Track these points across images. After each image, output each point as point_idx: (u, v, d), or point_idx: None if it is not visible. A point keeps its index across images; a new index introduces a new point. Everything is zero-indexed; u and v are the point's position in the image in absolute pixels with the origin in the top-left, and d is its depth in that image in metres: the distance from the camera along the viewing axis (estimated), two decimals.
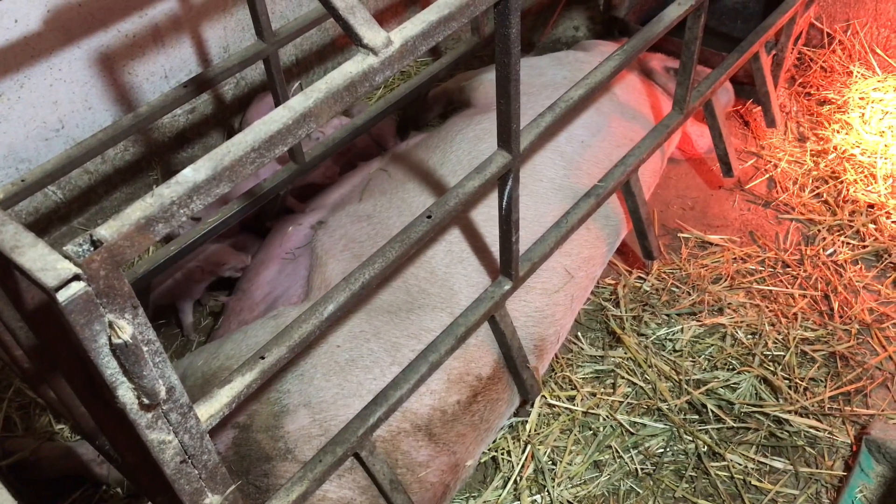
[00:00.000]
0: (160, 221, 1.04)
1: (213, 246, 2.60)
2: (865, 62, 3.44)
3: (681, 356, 2.40)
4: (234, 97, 3.13)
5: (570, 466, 2.19)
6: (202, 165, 1.09)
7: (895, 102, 3.25)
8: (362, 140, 2.88)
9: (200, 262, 2.52)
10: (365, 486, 1.85)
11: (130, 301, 1.05)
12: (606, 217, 2.45)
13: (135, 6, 2.62)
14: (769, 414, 2.26)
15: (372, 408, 1.76)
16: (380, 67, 1.24)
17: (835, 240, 2.77)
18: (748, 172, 3.10)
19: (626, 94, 2.75)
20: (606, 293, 2.64)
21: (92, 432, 1.82)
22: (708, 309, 2.53)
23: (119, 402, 1.12)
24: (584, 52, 2.93)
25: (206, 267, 2.52)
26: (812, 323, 2.50)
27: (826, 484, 2.15)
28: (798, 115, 3.30)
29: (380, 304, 2.05)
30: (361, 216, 2.26)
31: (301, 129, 1.16)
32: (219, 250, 2.59)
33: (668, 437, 2.24)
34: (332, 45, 3.44)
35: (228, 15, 2.92)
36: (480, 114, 2.51)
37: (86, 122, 2.67)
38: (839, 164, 3.03)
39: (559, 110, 1.84)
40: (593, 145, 2.48)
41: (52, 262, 0.98)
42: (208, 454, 1.33)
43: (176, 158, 3.02)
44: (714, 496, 2.14)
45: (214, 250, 2.59)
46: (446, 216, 1.64)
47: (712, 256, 2.74)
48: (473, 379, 2.02)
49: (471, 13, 1.35)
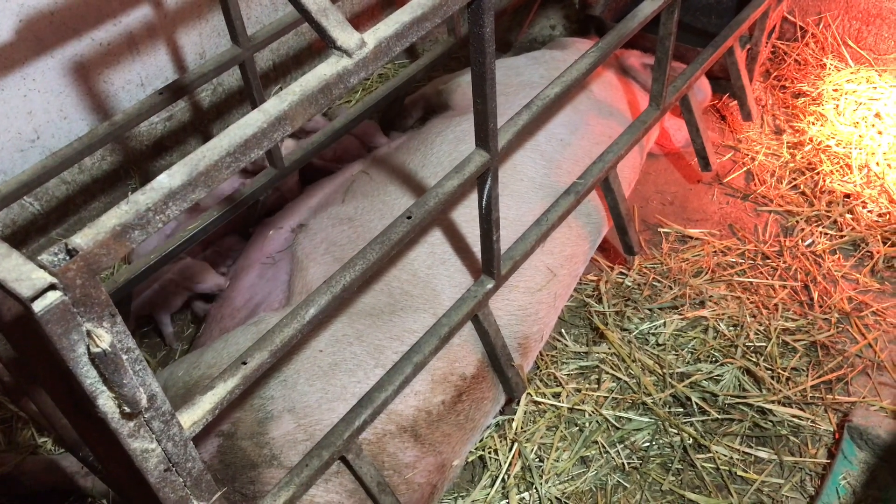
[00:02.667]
0: (136, 228, 1.04)
1: (191, 260, 2.54)
2: (838, 54, 3.48)
3: (664, 350, 2.42)
4: (212, 104, 3.11)
5: (558, 463, 2.20)
6: (177, 171, 1.08)
7: (868, 94, 3.29)
8: (348, 140, 2.87)
9: (175, 276, 2.48)
10: (352, 490, 1.85)
11: (108, 309, 1.04)
12: (588, 215, 2.47)
13: (108, 14, 2.60)
14: (753, 404, 2.28)
15: (357, 410, 1.76)
16: (354, 69, 1.24)
17: (813, 230, 2.80)
18: (726, 166, 3.13)
19: (604, 91, 2.77)
20: (589, 289, 2.65)
21: (75, 444, 1.80)
22: (690, 302, 2.55)
23: (100, 412, 1.11)
24: (561, 51, 2.94)
25: (180, 281, 2.47)
26: (792, 313, 2.52)
27: (810, 472, 2.17)
28: (774, 108, 3.33)
29: (362, 308, 2.05)
30: (343, 219, 2.25)
31: (276, 132, 1.16)
32: (195, 266, 2.51)
33: (654, 430, 2.26)
34: (309, 49, 3.43)
35: (203, 21, 2.91)
36: (459, 115, 2.52)
37: (61, 132, 2.65)
38: (815, 156, 3.06)
39: (536, 108, 1.85)
40: (572, 143, 2.49)
41: (26, 272, 0.97)
42: (192, 461, 1.32)
43: (154, 166, 3.00)
44: (701, 488, 2.15)
45: (191, 265, 2.51)
46: (426, 216, 1.64)
47: (693, 250, 2.76)
48: (458, 378, 2.02)
49: (444, 14, 1.35)
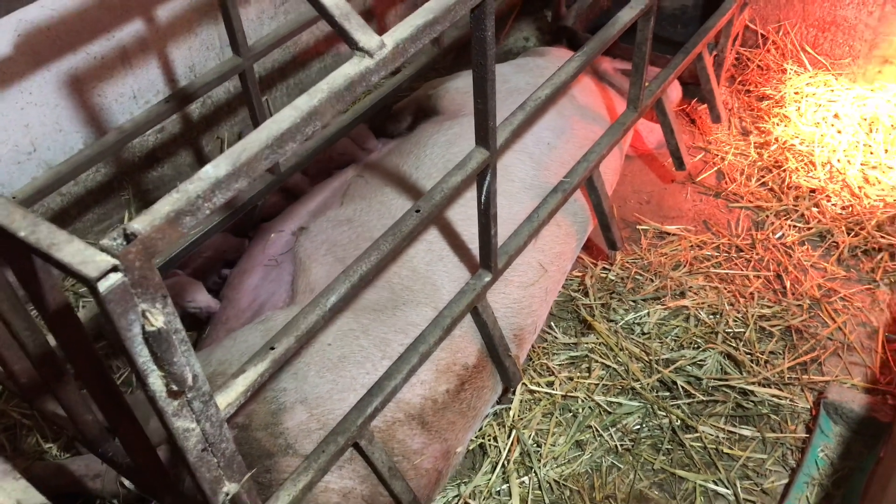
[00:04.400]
0: (188, 214, 1.12)
1: (184, 278, 2.55)
2: (797, 60, 3.68)
3: (649, 338, 2.54)
4: (202, 116, 3.18)
5: (554, 447, 2.30)
6: (221, 162, 1.17)
7: (826, 96, 3.49)
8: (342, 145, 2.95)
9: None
10: (364, 476, 1.93)
11: (161, 291, 1.12)
12: (574, 214, 2.59)
13: (102, 28, 2.67)
14: (735, 386, 2.42)
15: (368, 399, 1.84)
16: (375, 68, 1.34)
17: (782, 224, 2.96)
18: (698, 166, 3.29)
19: (584, 96, 2.91)
20: (575, 284, 2.77)
21: (95, 440, 1.85)
22: (671, 293, 2.68)
23: (150, 390, 1.18)
24: (541, 58, 3.08)
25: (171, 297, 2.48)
26: (767, 301, 2.67)
27: (791, 447, 2.30)
28: (740, 111, 3.51)
29: (365, 304, 2.14)
30: (342, 220, 2.34)
31: (308, 126, 1.26)
32: (188, 284, 2.51)
33: (644, 413, 2.37)
34: (294, 61, 3.52)
35: (193, 35, 2.99)
36: (449, 119, 2.63)
37: (57, 144, 2.70)
38: (781, 154, 3.24)
39: (530, 108, 1.97)
40: (558, 146, 2.62)
41: (90, 255, 1.05)
42: (226, 442, 1.40)
43: (146, 178, 3.06)
44: (690, 466, 2.28)
45: (183, 283, 2.51)
46: (433, 209, 1.75)
47: (671, 245, 2.91)
48: (460, 368, 2.12)
49: (453, 17, 1.46)
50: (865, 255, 2.84)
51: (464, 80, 2.96)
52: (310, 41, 3.55)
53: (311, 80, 3.64)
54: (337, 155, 2.99)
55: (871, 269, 2.79)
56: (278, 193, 2.83)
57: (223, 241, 2.75)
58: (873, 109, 3.35)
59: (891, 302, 2.69)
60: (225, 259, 2.71)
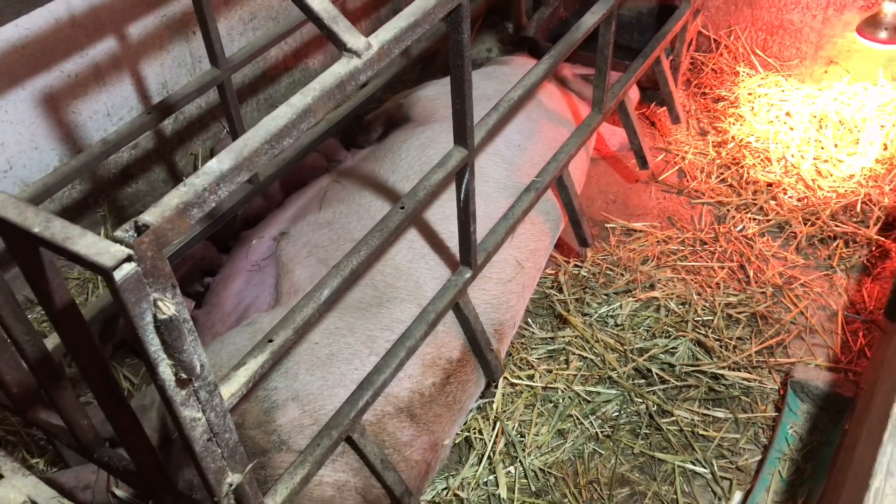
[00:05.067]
0: (195, 206, 1.18)
1: None
2: (749, 62, 3.85)
3: (623, 329, 2.64)
4: (174, 132, 3.22)
5: (538, 437, 2.38)
6: (225, 157, 1.24)
7: (778, 96, 3.66)
8: (312, 158, 3.02)
9: None
10: (357, 468, 1.98)
11: (171, 281, 1.18)
12: (547, 213, 2.69)
13: (76, 46, 2.70)
14: (706, 371, 2.52)
15: (359, 393, 1.90)
16: (363, 68, 1.42)
17: (742, 217, 3.10)
18: (660, 166, 3.42)
19: (550, 101, 3.02)
20: (549, 282, 2.86)
21: (90, 445, 1.87)
22: (641, 286, 2.79)
23: (159, 379, 1.22)
24: (507, 66, 3.18)
25: None
26: (733, 290, 2.80)
27: (762, 425, 2.41)
28: (697, 113, 3.66)
29: (350, 303, 2.20)
30: (322, 224, 2.40)
31: (303, 122, 1.33)
32: None
33: (621, 401, 2.47)
34: (263, 76, 3.58)
35: (165, 52, 3.03)
36: (422, 125, 2.72)
37: (33, 162, 2.72)
38: (738, 152, 3.39)
39: (503, 109, 2.06)
40: (529, 148, 2.72)
41: (104, 247, 1.10)
42: (230, 433, 1.44)
43: (121, 194, 3.08)
44: (668, 448, 2.37)
45: None
46: (417, 206, 1.82)
47: (638, 241, 3.02)
48: (445, 362, 2.19)
49: (433, 20, 1.55)
50: (822, 244, 2.99)
51: (433, 88, 3.05)
52: (279, 56, 3.62)
53: (281, 94, 3.70)
54: (308, 169, 3.06)
55: (827, 256, 2.94)
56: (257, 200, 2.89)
57: (203, 251, 2.79)
58: (822, 107, 3.52)
59: (847, 286, 2.83)
60: (204, 269, 2.75)
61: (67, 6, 2.61)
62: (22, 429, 2.43)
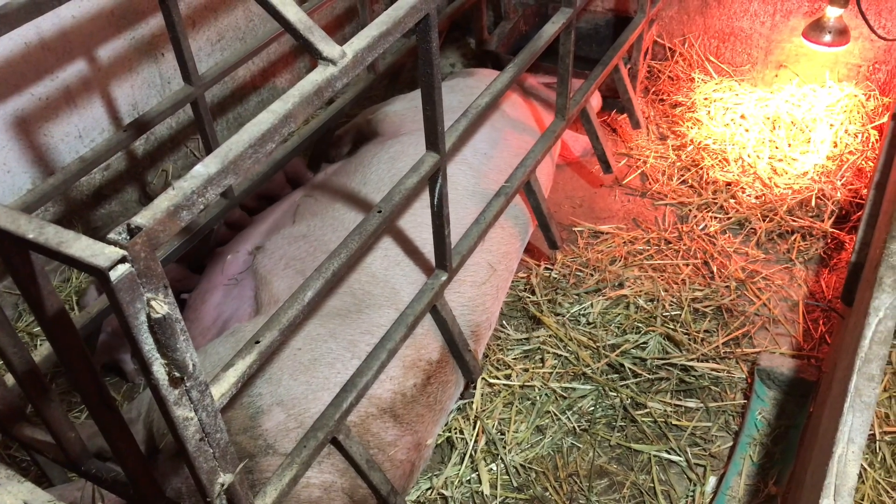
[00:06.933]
0: (184, 209, 1.23)
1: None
2: (703, 69, 4.00)
3: (595, 327, 2.73)
4: (146, 152, 3.25)
5: (517, 434, 2.44)
6: (211, 162, 1.29)
7: (733, 100, 3.80)
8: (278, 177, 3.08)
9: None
10: (343, 469, 2.02)
11: (163, 281, 1.22)
12: (516, 217, 2.77)
13: (46, 70, 2.73)
14: (676, 364, 2.61)
15: (343, 395, 1.95)
16: (339, 75, 1.48)
17: (704, 216, 3.21)
18: (623, 170, 3.53)
19: (514, 110, 3.11)
20: (521, 285, 2.94)
21: (77, 458, 1.89)
22: (610, 285, 2.88)
23: (153, 378, 1.26)
24: (471, 78, 3.27)
25: None
26: (698, 285, 2.90)
27: (732, 413, 2.50)
28: (656, 118, 3.78)
29: (330, 310, 2.25)
30: (298, 236, 2.45)
31: (285, 127, 1.38)
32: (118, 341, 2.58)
33: (596, 395, 2.54)
34: (232, 96, 3.63)
35: (135, 74, 3.07)
36: (391, 139, 2.78)
37: (5, 185, 2.73)
38: (697, 154, 3.51)
39: (472, 115, 2.14)
40: (495, 156, 2.80)
41: (99, 249, 1.15)
42: (221, 433, 1.48)
43: (95, 215, 3.09)
44: (643, 439, 2.44)
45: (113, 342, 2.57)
46: (393, 209, 1.88)
47: (606, 243, 3.11)
48: (425, 364, 2.24)
49: (402, 28, 1.63)
50: (780, 238, 3.12)
51: (400, 103, 3.13)
52: (246, 76, 3.67)
53: (250, 113, 3.74)
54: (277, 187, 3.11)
55: (786, 249, 3.06)
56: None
57: (176, 271, 2.82)
58: (774, 109, 3.67)
59: (806, 277, 2.95)
60: (177, 289, 2.77)
61: (37, 30, 2.63)
62: (2, 451, 2.43)
